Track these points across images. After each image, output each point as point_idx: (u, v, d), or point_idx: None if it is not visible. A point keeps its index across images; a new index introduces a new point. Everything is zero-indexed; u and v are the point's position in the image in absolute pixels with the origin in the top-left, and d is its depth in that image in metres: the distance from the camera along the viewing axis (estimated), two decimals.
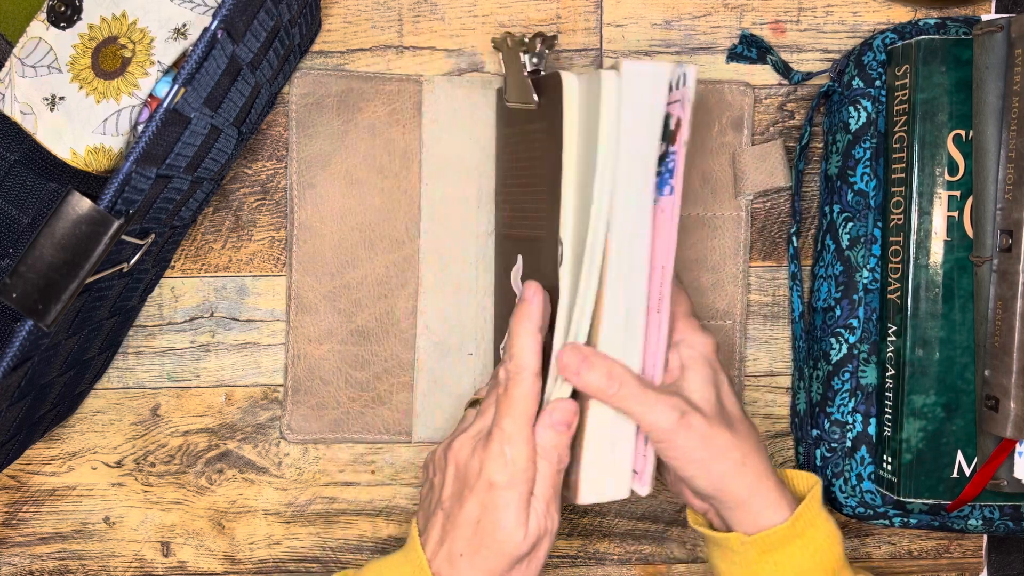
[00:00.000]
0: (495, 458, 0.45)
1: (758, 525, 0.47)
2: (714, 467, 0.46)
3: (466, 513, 0.45)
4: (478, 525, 0.45)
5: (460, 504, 0.46)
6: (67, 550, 0.61)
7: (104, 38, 0.45)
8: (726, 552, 0.49)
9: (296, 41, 0.55)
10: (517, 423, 0.45)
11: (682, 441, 0.46)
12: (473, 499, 0.45)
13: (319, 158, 0.60)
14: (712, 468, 0.46)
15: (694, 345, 0.48)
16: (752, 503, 0.47)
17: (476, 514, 0.45)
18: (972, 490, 0.53)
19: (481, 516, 0.45)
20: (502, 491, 0.45)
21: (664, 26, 0.60)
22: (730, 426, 0.47)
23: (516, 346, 0.47)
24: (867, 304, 0.56)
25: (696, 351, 0.48)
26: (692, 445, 0.46)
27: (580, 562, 0.63)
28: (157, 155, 0.42)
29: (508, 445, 0.45)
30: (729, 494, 0.47)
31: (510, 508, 0.45)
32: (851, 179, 0.56)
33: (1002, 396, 0.50)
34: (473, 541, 0.45)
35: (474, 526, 0.45)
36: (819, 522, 0.48)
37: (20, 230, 0.46)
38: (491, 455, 0.45)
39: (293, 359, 0.60)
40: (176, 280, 0.60)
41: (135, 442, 0.61)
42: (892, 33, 0.55)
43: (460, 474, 0.47)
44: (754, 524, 0.47)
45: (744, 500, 0.47)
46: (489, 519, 0.45)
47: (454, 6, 0.60)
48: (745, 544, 0.47)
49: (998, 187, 0.51)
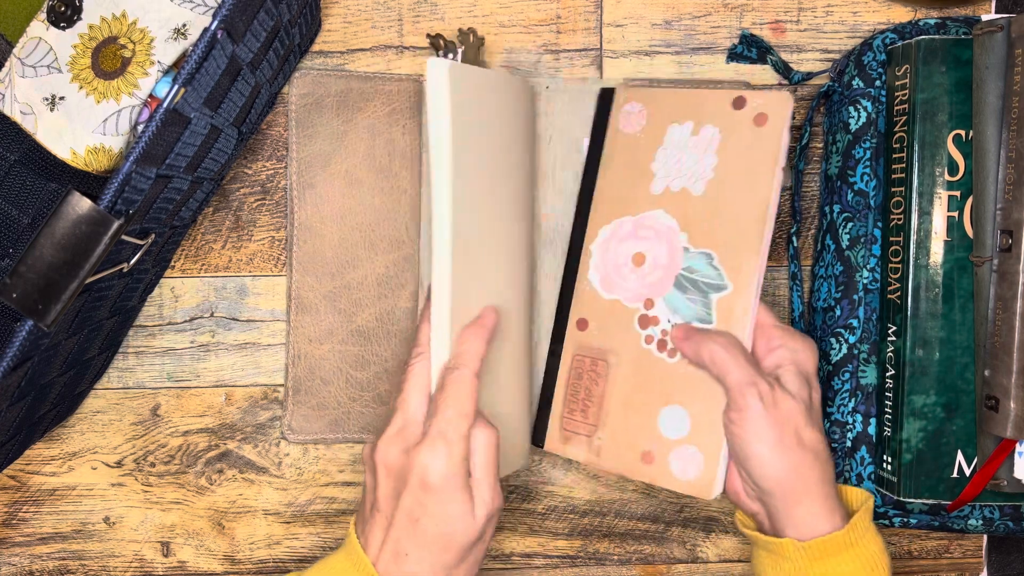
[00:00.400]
0: (433, 455, 0.45)
1: (812, 532, 0.47)
2: (784, 457, 0.47)
3: (406, 512, 0.45)
4: (419, 523, 0.45)
5: (397, 504, 0.46)
6: (67, 550, 0.61)
7: (104, 38, 0.45)
8: (776, 558, 0.49)
9: (296, 41, 0.55)
10: (456, 419, 0.46)
11: (764, 419, 0.47)
12: (410, 497, 0.45)
13: (319, 158, 0.60)
14: (782, 458, 0.47)
15: (795, 350, 0.50)
16: (808, 506, 0.47)
17: (416, 512, 0.45)
18: (972, 490, 0.53)
19: (421, 514, 0.45)
20: (442, 485, 0.45)
21: (664, 26, 0.60)
22: (810, 427, 0.48)
23: (463, 347, 0.48)
24: (867, 304, 0.56)
25: (796, 355, 0.50)
26: (770, 424, 0.47)
27: (580, 562, 0.63)
28: (157, 155, 0.42)
29: (444, 440, 0.45)
30: (789, 491, 0.47)
31: (455, 501, 0.45)
32: (851, 179, 0.56)
33: (1002, 396, 0.50)
34: (418, 539, 0.45)
35: (416, 524, 0.45)
36: (870, 535, 0.48)
37: (20, 230, 0.46)
38: (427, 452, 0.45)
39: (294, 359, 0.60)
40: (176, 280, 0.60)
41: (135, 442, 0.61)
42: (892, 33, 0.55)
43: (393, 474, 0.47)
44: (808, 530, 0.47)
45: (800, 501, 0.47)
46: (432, 515, 0.45)
47: (454, 6, 0.60)
48: (799, 550, 0.47)
49: (998, 187, 0.51)
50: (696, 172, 0.54)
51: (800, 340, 0.51)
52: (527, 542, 0.62)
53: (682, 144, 0.54)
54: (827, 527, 0.47)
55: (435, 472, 0.45)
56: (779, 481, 0.47)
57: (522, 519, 0.62)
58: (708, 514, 0.63)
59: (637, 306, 0.55)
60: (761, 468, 0.47)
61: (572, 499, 0.62)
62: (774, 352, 0.50)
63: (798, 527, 0.48)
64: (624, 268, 0.56)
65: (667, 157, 0.55)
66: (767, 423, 0.47)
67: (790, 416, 0.47)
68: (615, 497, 0.62)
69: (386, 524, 0.46)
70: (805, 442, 0.47)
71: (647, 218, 0.55)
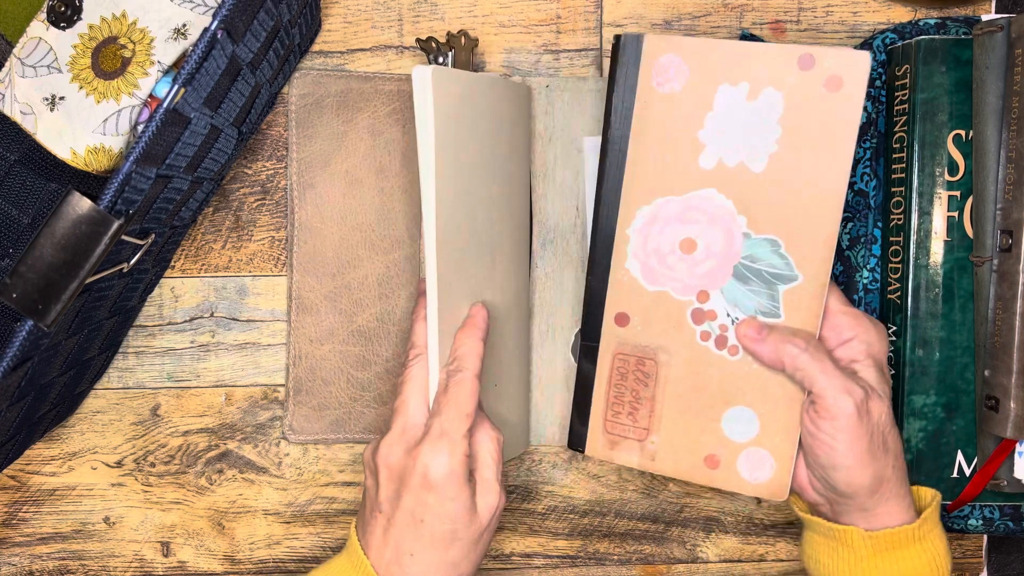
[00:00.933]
0: (435, 453, 0.45)
1: (880, 524, 0.46)
2: (872, 466, 0.45)
3: (408, 512, 0.46)
4: (423, 523, 0.45)
5: (399, 505, 0.46)
6: (67, 550, 0.61)
7: (104, 38, 0.45)
8: (837, 544, 0.48)
9: (296, 41, 0.55)
10: (457, 419, 0.46)
11: (857, 428, 0.44)
12: (412, 497, 0.45)
13: (319, 158, 0.60)
14: (870, 466, 0.45)
15: (869, 339, 0.47)
16: (881, 502, 0.46)
17: (419, 512, 0.45)
18: (972, 490, 0.53)
19: (424, 513, 0.45)
20: (444, 483, 0.45)
21: (664, 26, 0.60)
22: (893, 426, 0.46)
23: (461, 350, 0.48)
24: (867, 304, 0.56)
25: (871, 345, 0.47)
26: (862, 434, 0.44)
27: (580, 562, 0.63)
28: (157, 155, 0.42)
29: (447, 439, 0.45)
30: (868, 494, 0.46)
31: (457, 498, 0.45)
32: (851, 179, 0.56)
33: (1002, 396, 0.50)
34: (421, 539, 0.45)
35: (419, 524, 0.45)
36: (937, 532, 0.48)
37: (20, 230, 0.46)
38: (429, 450, 0.45)
39: (295, 360, 0.60)
40: (176, 280, 0.60)
41: (135, 442, 0.61)
42: (892, 33, 0.56)
43: (394, 476, 0.47)
44: (876, 522, 0.47)
45: (875, 500, 0.46)
46: (435, 514, 0.45)
47: (454, 6, 0.60)
48: (865, 539, 0.46)
49: (998, 187, 0.51)
50: (756, 145, 0.47)
51: (873, 328, 0.47)
52: (527, 542, 0.62)
53: (736, 110, 0.47)
54: (897, 520, 0.46)
55: (437, 470, 0.45)
56: (862, 487, 0.46)
57: (522, 519, 0.62)
58: (708, 514, 0.63)
59: (689, 299, 0.50)
60: (848, 477, 0.45)
61: (572, 499, 0.62)
62: (848, 344, 0.47)
63: (868, 519, 0.46)
64: (671, 256, 0.50)
65: (719, 125, 0.48)
66: (860, 433, 0.45)
67: (879, 422, 0.45)
68: (615, 497, 0.62)
69: (387, 525, 0.46)
70: (890, 446, 0.46)
71: (696, 198, 0.49)
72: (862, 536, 0.46)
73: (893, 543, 0.46)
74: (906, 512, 0.47)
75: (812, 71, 0.46)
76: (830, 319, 0.47)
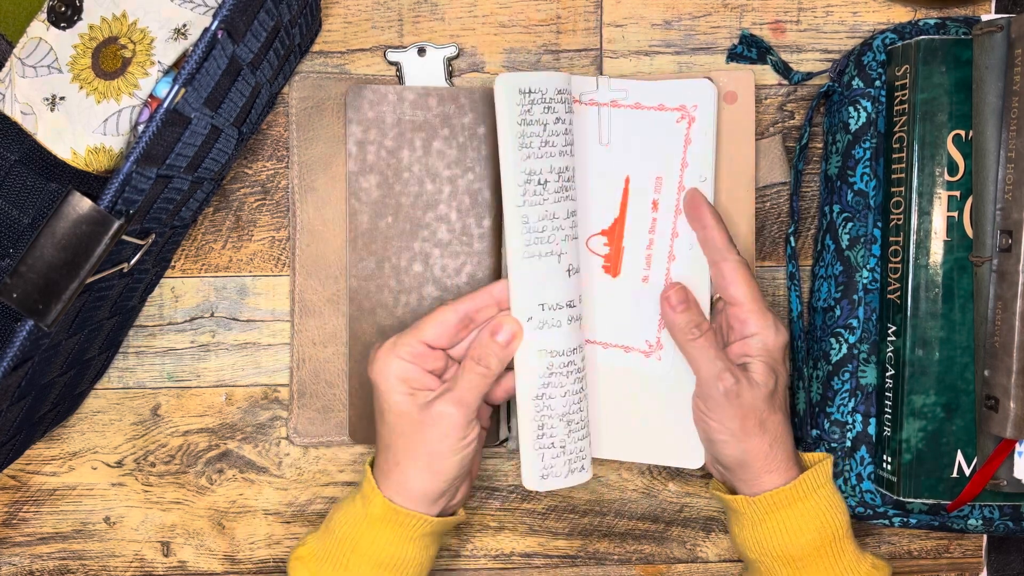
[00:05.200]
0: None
1: (762, 490, 0.52)
2: (745, 442, 0.51)
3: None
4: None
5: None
6: (67, 550, 0.61)
7: (104, 38, 0.45)
8: (735, 514, 0.53)
9: (296, 41, 0.55)
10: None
11: (726, 408, 0.51)
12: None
13: (320, 161, 0.60)
14: (742, 442, 0.51)
15: (767, 340, 0.52)
16: (763, 475, 0.52)
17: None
18: (972, 490, 0.53)
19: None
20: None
21: (664, 26, 0.60)
22: (773, 412, 0.52)
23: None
24: (867, 304, 0.56)
25: (767, 345, 0.52)
26: (733, 414, 0.51)
27: (580, 562, 0.63)
28: (157, 155, 0.42)
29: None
30: (748, 467, 0.52)
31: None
32: (851, 179, 0.56)
33: (1002, 396, 0.50)
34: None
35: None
36: (823, 491, 0.52)
37: (20, 230, 0.46)
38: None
39: (298, 363, 0.60)
40: (176, 280, 0.61)
41: (135, 442, 0.61)
42: (892, 33, 0.56)
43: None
44: (758, 488, 0.52)
45: (757, 472, 0.52)
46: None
47: (454, 6, 0.60)
48: (749, 504, 0.52)
49: (998, 187, 0.51)
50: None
51: (773, 329, 0.52)
52: (527, 542, 0.62)
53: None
54: (777, 485, 0.51)
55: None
56: (739, 461, 0.52)
57: (522, 519, 0.62)
58: (708, 514, 0.63)
59: None
60: (724, 449, 0.52)
61: (572, 499, 0.62)
62: (747, 340, 0.52)
63: (752, 487, 0.52)
64: None
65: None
66: (732, 413, 0.51)
67: (753, 406, 0.51)
68: (615, 497, 0.62)
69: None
70: (767, 427, 0.51)
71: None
72: (747, 502, 0.52)
73: (773, 504, 0.51)
74: (787, 477, 0.52)
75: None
76: (740, 312, 0.52)
